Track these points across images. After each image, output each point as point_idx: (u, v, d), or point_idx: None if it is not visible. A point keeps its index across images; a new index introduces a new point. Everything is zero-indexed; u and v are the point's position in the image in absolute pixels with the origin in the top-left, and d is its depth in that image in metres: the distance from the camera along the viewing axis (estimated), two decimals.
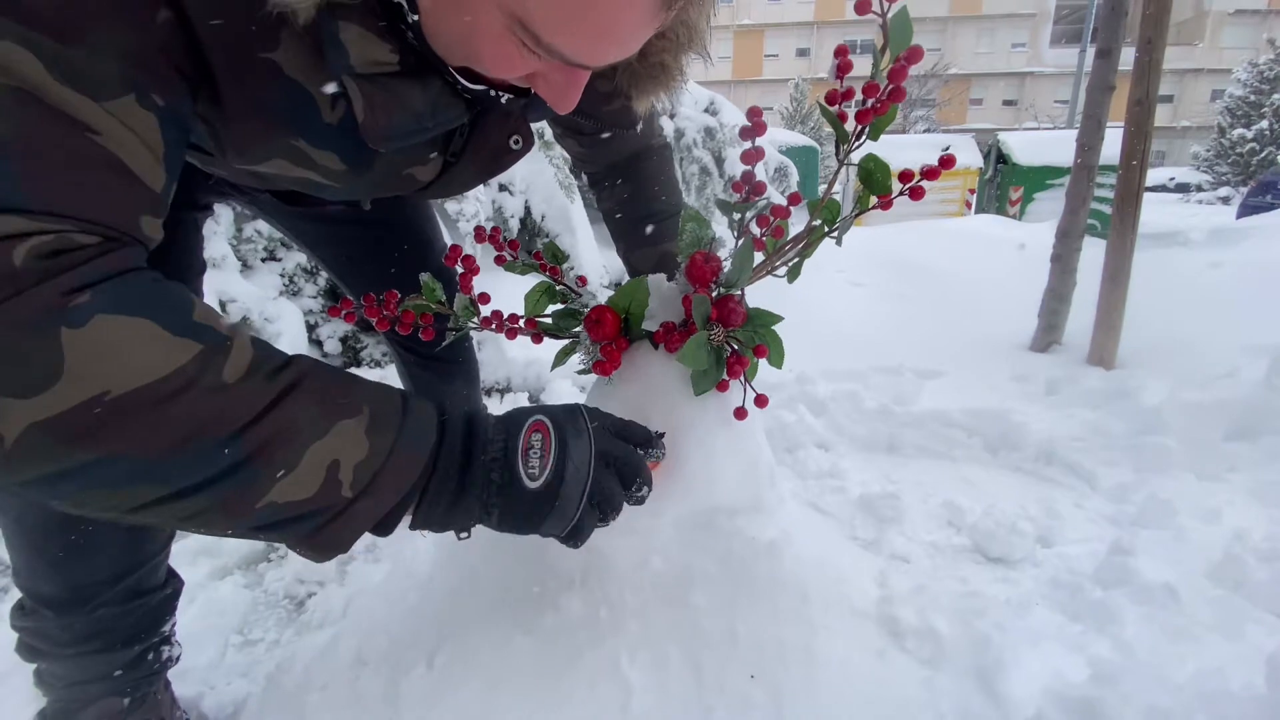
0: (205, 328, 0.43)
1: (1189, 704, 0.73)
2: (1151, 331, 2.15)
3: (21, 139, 0.37)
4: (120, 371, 0.38)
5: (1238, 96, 19.38)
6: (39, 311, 0.36)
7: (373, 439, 0.47)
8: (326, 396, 0.46)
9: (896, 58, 0.59)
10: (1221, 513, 1.28)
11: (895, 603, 0.82)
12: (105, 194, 0.41)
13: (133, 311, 0.39)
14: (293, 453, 0.44)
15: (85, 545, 0.73)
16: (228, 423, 0.41)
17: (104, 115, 0.40)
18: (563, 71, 0.52)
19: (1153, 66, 1.93)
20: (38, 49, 0.38)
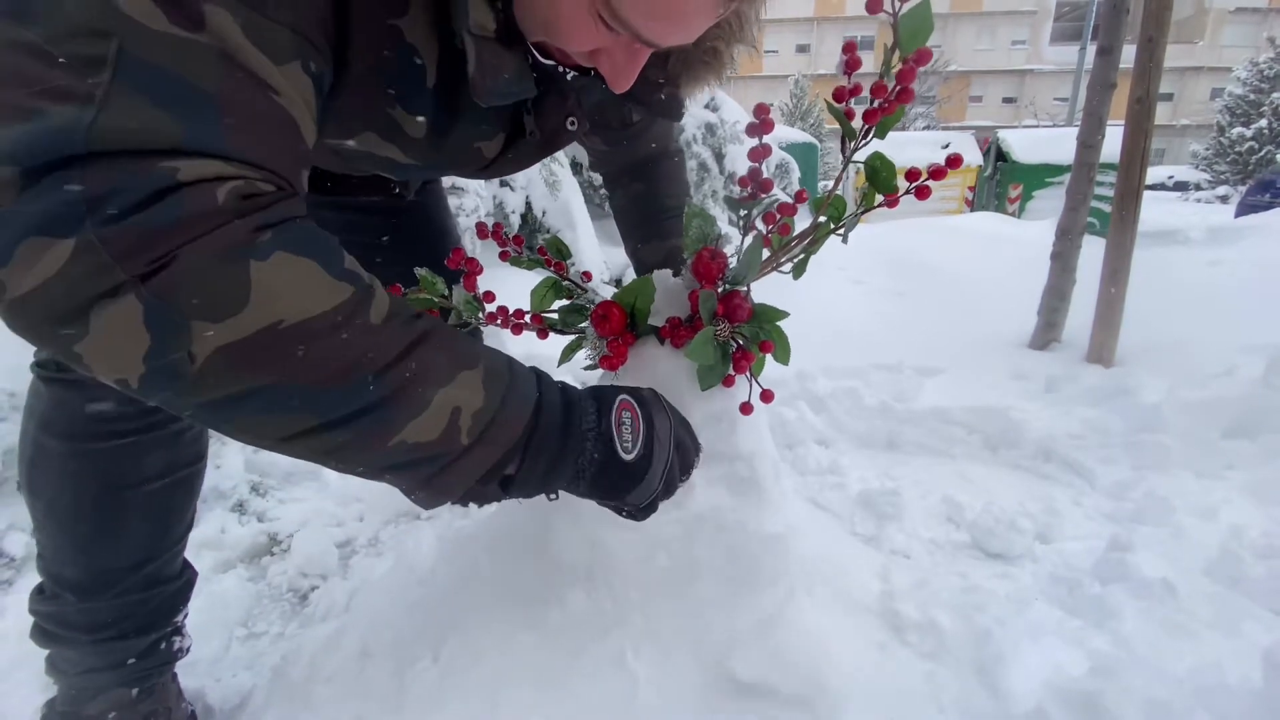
0: (356, 274, 0.46)
1: (1187, 698, 0.74)
2: (1150, 330, 2.15)
3: (224, 94, 0.41)
4: (294, 304, 0.42)
5: (1237, 95, 19.38)
6: (235, 244, 0.40)
7: (488, 390, 0.52)
8: (452, 346, 0.51)
9: (905, 58, 0.59)
10: (1219, 510, 1.29)
11: (897, 597, 0.82)
12: (283, 148, 0.45)
13: (305, 252, 0.43)
14: (425, 394, 0.48)
15: (113, 530, 0.75)
16: (375, 360, 0.45)
17: (281, 78, 0.44)
18: (627, 50, 0.59)
19: (1154, 65, 1.94)
20: (235, 12, 0.41)
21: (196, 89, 0.40)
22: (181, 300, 0.38)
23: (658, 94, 0.77)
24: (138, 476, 0.74)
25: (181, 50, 0.39)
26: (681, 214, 1.02)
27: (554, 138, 0.77)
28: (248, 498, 1.48)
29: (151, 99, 0.38)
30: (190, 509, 0.84)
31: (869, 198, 0.68)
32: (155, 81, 0.38)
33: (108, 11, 0.38)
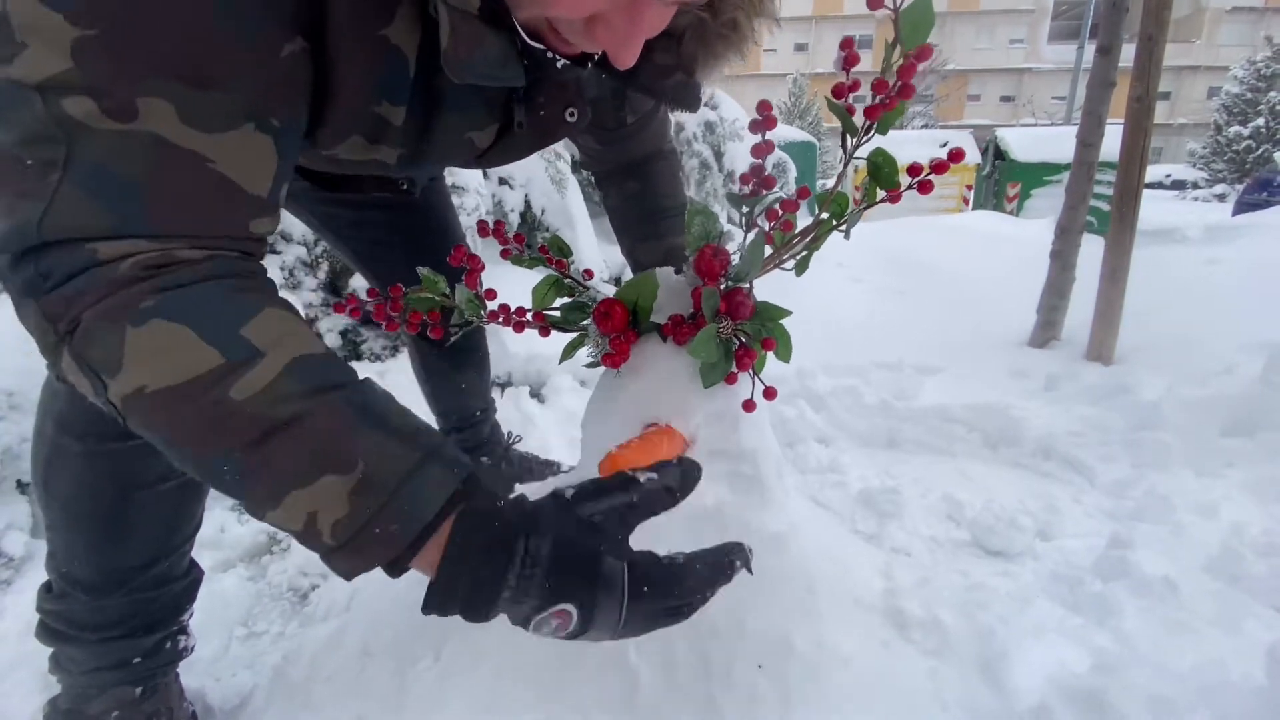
0: (241, 340, 0.46)
1: (1190, 695, 0.74)
2: (1150, 328, 2.16)
3: (149, 177, 0.45)
4: (153, 370, 0.45)
5: (1234, 94, 19.42)
6: (117, 310, 0.45)
7: (354, 504, 0.45)
8: (324, 444, 0.46)
9: (907, 54, 0.59)
10: (1219, 508, 1.30)
11: (900, 595, 0.82)
12: (216, 211, 0.49)
13: (181, 319, 0.45)
14: (272, 492, 0.46)
15: (126, 529, 0.75)
16: (222, 440, 0.45)
17: (221, 145, 0.47)
18: (626, 10, 0.52)
19: (1153, 64, 1.94)
20: (173, 97, 0.45)
21: (125, 178, 0.45)
22: (89, 357, 0.46)
23: (668, 80, 0.71)
24: (151, 476, 0.74)
25: (116, 143, 0.44)
26: (678, 214, 1.02)
27: (550, 128, 0.74)
28: None
29: (88, 193, 0.44)
30: (199, 508, 0.84)
31: (871, 193, 0.68)
32: (92, 177, 0.44)
33: (56, 117, 0.43)
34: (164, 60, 0.44)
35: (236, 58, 0.46)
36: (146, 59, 0.44)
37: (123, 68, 0.43)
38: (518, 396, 1.95)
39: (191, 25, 0.44)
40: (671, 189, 1.04)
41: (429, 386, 1.34)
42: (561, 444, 1.72)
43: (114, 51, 0.43)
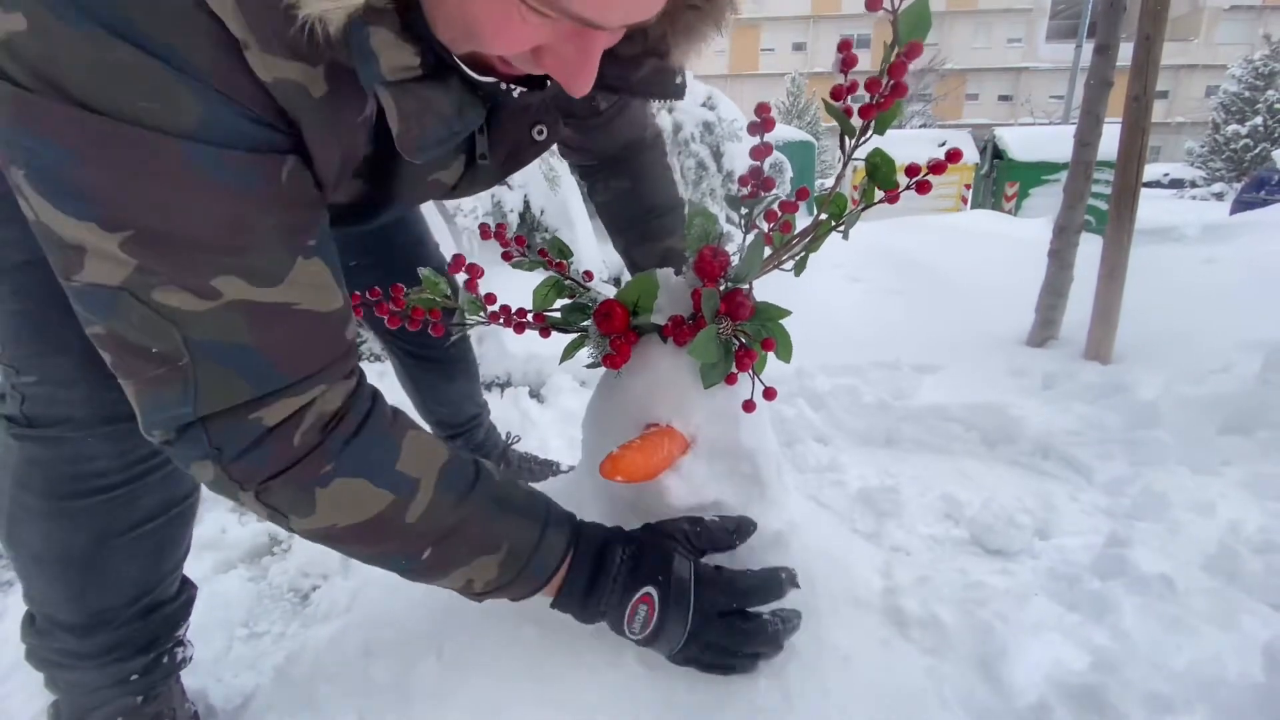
0: (401, 477, 0.59)
1: (1188, 691, 0.75)
2: (1147, 326, 2.16)
3: (260, 340, 0.51)
4: (345, 515, 0.58)
5: (1232, 92, 19.43)
6: (305, 479, 0.56)
7: (502, 570, 0.65)
8: (477, 538, 0.63)
9: (897, 53, 0.59)
10: (1216, 505, 1.30)
11: (899, 593, 0.83)
12: (320, 342, 0.56)
13: (356, 473, 0.57)
14: (444, 573, 0.64)
15: (105, 575, 0.73)
16: (405, 552, 0.62)
17: (290, 288, 0.52)
18: (573, 39, 0.48)
19: (1151, 63, 1.94)
20: (235, 269, 0.49)
21: (244, 346, 0.50)
22: (276, 504, 0.56)
23: (639, 71, 0.61)
24: (129, 523, 0.72)
25: (219, 318, 0.49)
26: (671, 212, 1.01)
27: (520, 152, 0.70)
28: None
29: (221, 367, 0.50)
30: (187, 536, 0.82)
31: (869, 194, 0.69)
32: (216, 352, 0.50)
33: (156, 308, 0.47)
34: (208, 243, 0.47)
35: (256, 212, 0.49)
36: (195, 247, 0.47)
37: (182, 260, 0.47)
38: (517, 396, 1.95)
39: (211, 202, 0.46)
40: (662, 183, 1.00)
41: (418, 398, 1.33)
42: (561, 444, 1.72)
43: (162, 248, 0.46)
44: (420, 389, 1.31)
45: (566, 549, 0.68)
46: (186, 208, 0.45)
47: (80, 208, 0.43)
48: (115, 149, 0.42)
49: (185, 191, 0.45)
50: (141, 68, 0.40)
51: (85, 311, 0.49)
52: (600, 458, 0.69)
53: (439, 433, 1.39)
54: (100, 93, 0.40)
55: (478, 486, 0.64)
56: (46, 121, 0.41)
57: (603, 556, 0.68)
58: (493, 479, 0.66)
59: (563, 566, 0.68)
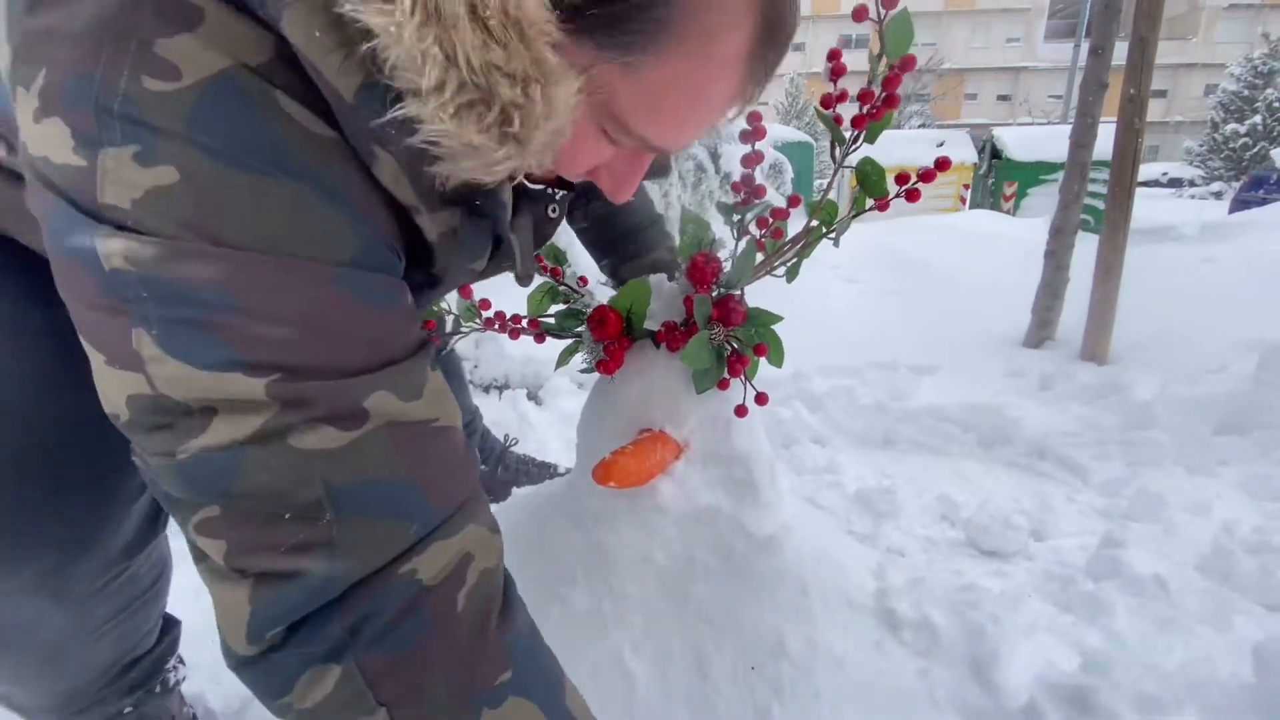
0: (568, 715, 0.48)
1: (1178, 692, 0.75)
2: (1144, 327, 2.17)
3: (411, 467, 0.44)
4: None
5: (1231, 91, 19.45)
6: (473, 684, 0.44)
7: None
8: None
9: (891, 65, 0.60)
10: (1211, 506, 1.31)
11: (892, 595, 0.83)
12: (462, 462, 0.49)
13: (530, 696, 0.46)
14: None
15: (70, 670, 0.68)
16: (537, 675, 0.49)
17: (430, 402, 0.46)
18: (629, 161, 0.52)
19: (1145, 63, 1.95)
20: (387, 384, 0.43)
21: (394, 479, 0.43)
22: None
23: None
24: (85, 632, 0.65)
25: (366, 451, 0.42)
26: (651, 226, 1.00)
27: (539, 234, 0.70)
28: None
29: (371, 515, 0.42)
30: (159, 607, 0.75)
31: (860, 201, 0.69)
32: (365, 498, 0.42)
33: (298, 460, 0.40)
34: (359, 365, 0.42)
35: (399, 328, 0.46)
36: (346, 372, 0.42)
37: (332, 387, 0.41)
38: (515, 399, 1.96)
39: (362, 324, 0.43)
40: (639, 200, 1.00)
41: None
42: (559, 446, 1.73)
43: (312, 379, 0.40)
44: None
45: None
46: (340, 333, 0.42)
47: (223, 356, 0.39)
48: (270, 281, 0.39)
49: (340, 317, 0.42)
50: (306, 201, 0.40)
51: (191, 493, 0.41)
52: (594, 463, 0.70)
53: None
54: (260, 230, 0.39)
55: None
56: (199, 266, 0.37)
57: None
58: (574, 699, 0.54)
59: None
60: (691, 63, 0.43)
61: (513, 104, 0.38)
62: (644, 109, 0.45)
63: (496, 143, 0.39)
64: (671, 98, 0.45)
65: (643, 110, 0.45)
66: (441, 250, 0.50)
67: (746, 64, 0.45)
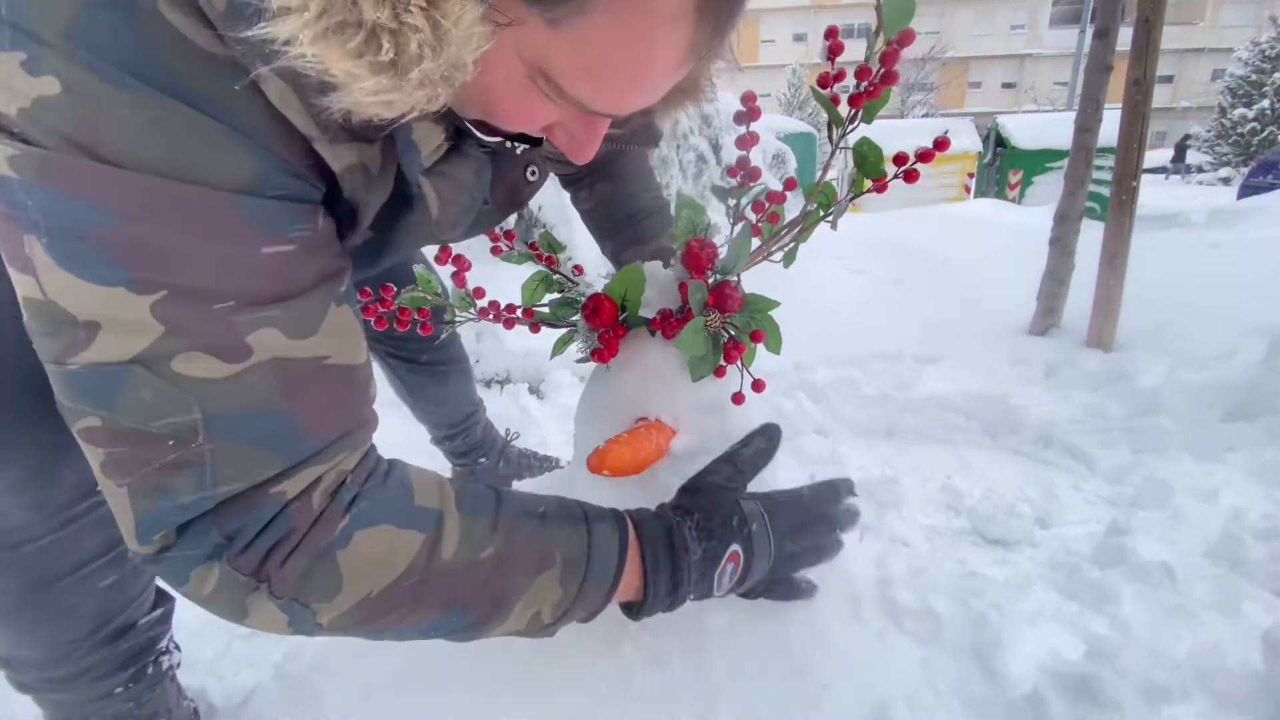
0: (421, 511, 0.53)
1: (1186, 680, 0.74)
2: (1150, 313, 2.15)
3: (289, 400, 0.46)
4: (375, 575, 0.50)
5: (1239, 76, 19.21)
6: (322, 543, 0.48)
7: (565, 584, 0.58)
8: (525, 556, 0.56)
9: (889, 41, 0.59)
10: (1219, 492, 1.29)
11: (894, 584, 0.82)
12: (349, 399, 0.51)
13: (375, 520, 0.50)
14: (505, 612, 0.56)
15: (55, 616, 0.68)
16: (457, 600, 0.54)
17: (324, 339, 0.48)
18: (582, 121, 0.50)
19: (1150, 46, 1.92)
20: (275, 322, 0.44)
21: (271, 411, 0.45)
22: (297, 593, 0.48)
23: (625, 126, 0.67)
24: (67, 567, 0.66)
25: (246, 383, 0.44)
26: (656, 213, 1.00)
27: (516, 196, 0.71)
28: None
29: (244, 440, 0.44)
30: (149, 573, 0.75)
31: (858, 183, 0.68)
32: (239, 424, 0.44)
33: (173, 381, 0.42)
34: (249, 294, 0.43)
35: (298, 258, 0.46)
36: (233, 300, 0.43)
37: (217, 315, 0.42)
38: (516, 393, 1.95)
39: (254, 251, 0.43)
40: (644, 185, 0.99)
41: (412, 401, 1.33)
42: (561, 439, 1.72)
43: (198, 304, 0.41)
44: (412, 392, 1.30)
45: (621, 539, 0.61)
46: (229, 259, 0.42)
47: (109, 272, 0.39)
48: (158, 205, 0.39)
49: (229, 243, 0.42)
50: (194, 124, 0.39)
51: (76, 401, 0.42)
52: (590, 452, 0.69)
53: (435, 433, 1.39)
54: (144, 151, 0.38)
55: (504, 504, 0.58)
56: (80, 181, 0.38)
57: (673, 541, 0.63)
58: (515, 494, 0.61)
59: (627, 562, 0.61)
60: (622, 21, 0.40)
61: (381, 27, 0.35)
62: (577, 70, 0.43)
63: (368, 72, 0.37)
64: (605, 59, 0.42)
65: (576, 71, 0.43)
66: (353, 189, 0.49)
67: (694, 18, 0.42)
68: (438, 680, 0.82)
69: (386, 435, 1.81)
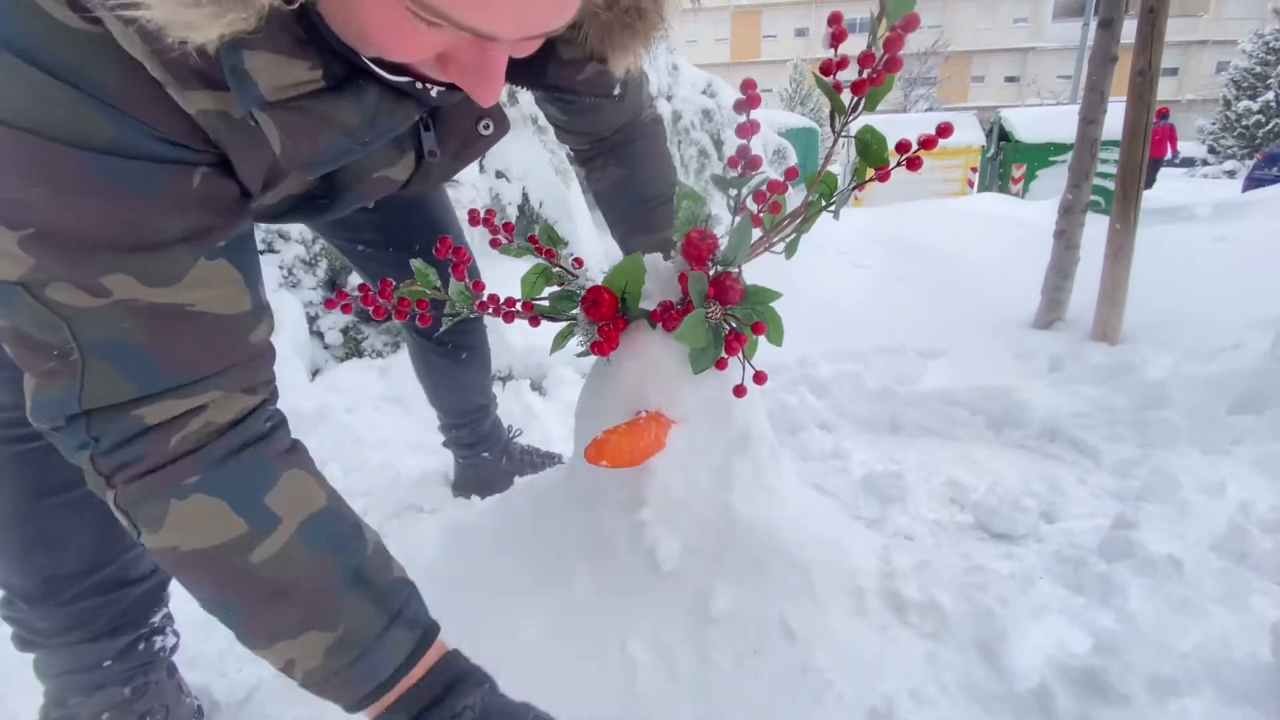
0: (263, 509, 0.55)
1: (1193, 673, 0.73)
2: (1156, 306, 2.13)
3: (149, 340, 0.51)
4: (191, 538, 0.54)
5: (1243, 68, 19.10)
6: (164, 484, 0.53)
7: (329, 658, 0.57)
8: (315, 605, 0.57)
9: (893, 26, 0.58)
10: (1226, 485, 1.28)
11: (898, 578, 0.82)
12: (216, 346, 0.54)
13: (218, 493, 0.54)
14: (265, 640, 0.57)
15: (48, 539, 0.72)
16: (235, 596, 0.56)
17: (188, 289, 0.52)
18: (473, 49, 0.48)
19: (1155, 36, 1.90)
20: (128, 269, 0.49)
21: (132, 345, 0.50)
22: (131, 512, 0.53)
23: (582, 74, 0.68)
24: (64, 480, 0.70)
25: (107, 316, 0.49)
26: (669, 201, 0.99)
27: (466, 148, 0.69)
28: None
29: (109, 364, 0.50)
30: None
31: (861, 172, 0.67)
32: (105, 349, 0.50)
33: (48, 304, 0.48)
34: (103, 242, 0.48)
35: (158, 215, 0.49)
36: (89, 245, 0.48)
37: (75, 257, 0.48)
38: (518, 389, 1.95)
39: (109, 204, 0.47)
40: (658, 172, 0.98)
41: (429, 383, 1.33)
42: (563, 436, 1.72)
43: (58, 245, 0.47)
44: (431, 373, 1.31)
45: (409, 658, 0.60)
46: (84, 209, 0.47)
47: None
48: (17, 155, 0.44)
49: (85, 195, 0.46)
50: (51, 89, 0.43)
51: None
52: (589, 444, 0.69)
53: (444, 420, 1.39)
54: (11, 110, 0.43)
55: (343, 550, 0.59)
56: None
57: (450, 694, 0.61)
58: (365, 551, 0.61)
59: (399, 683, 0.60)
60: None
61: None
62: None
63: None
64: None
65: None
66: (216, 134, 0.50)
67: None
68: None
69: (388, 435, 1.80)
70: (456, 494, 1.45)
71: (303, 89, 0.49)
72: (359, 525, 0.62)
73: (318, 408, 1.77)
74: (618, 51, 0.62)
